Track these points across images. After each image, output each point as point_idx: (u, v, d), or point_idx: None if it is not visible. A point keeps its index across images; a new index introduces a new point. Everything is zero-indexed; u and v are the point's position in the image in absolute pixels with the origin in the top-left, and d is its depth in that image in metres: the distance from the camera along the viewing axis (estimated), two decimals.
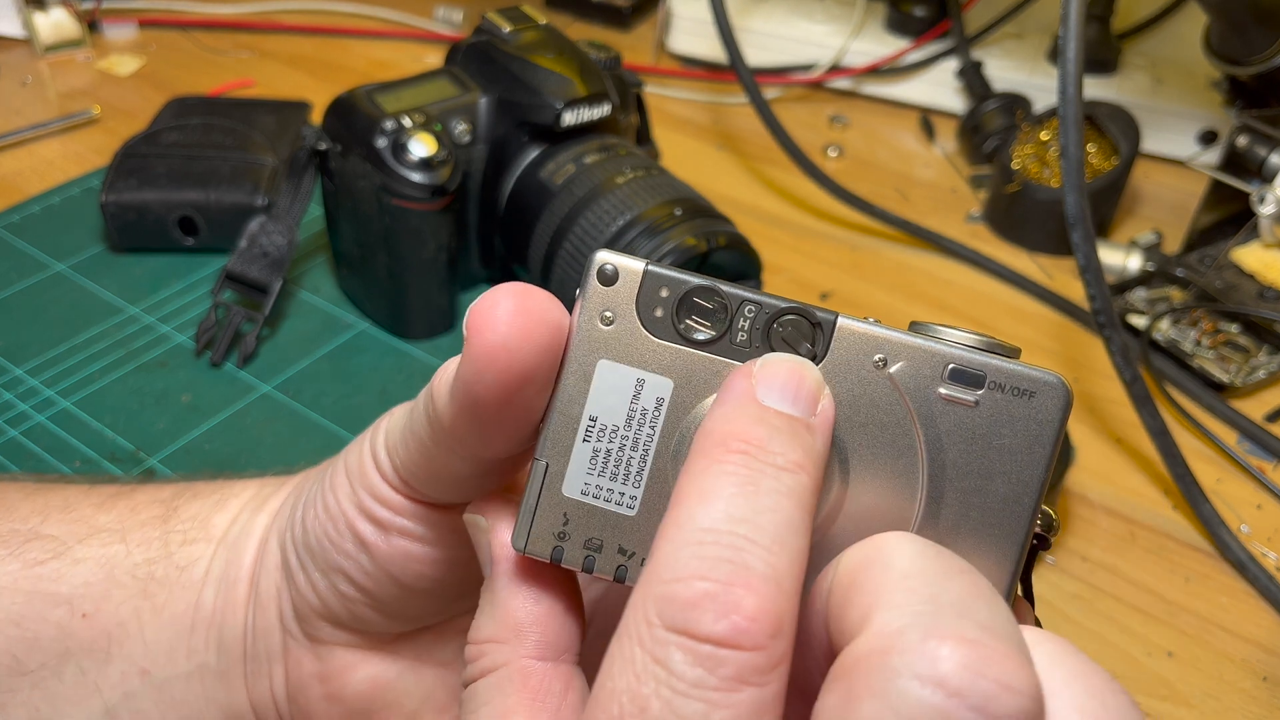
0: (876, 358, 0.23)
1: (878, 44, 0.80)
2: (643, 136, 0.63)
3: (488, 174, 0.55)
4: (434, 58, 0.84)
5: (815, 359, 0.23)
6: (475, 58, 0.55)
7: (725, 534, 0.19)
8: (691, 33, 0.83)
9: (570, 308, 0.24)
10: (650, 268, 0.23)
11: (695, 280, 0.23)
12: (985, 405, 0.23)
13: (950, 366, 0.23)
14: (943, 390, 0.23)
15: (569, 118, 0.52)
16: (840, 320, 0.23)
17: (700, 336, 0.23)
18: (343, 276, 0.58)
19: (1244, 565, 0.47)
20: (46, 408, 0.50)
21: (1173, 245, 0.66)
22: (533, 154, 0.54)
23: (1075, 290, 0.63)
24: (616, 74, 0.58)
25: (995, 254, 0.66)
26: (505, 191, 0.55)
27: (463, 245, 0.56)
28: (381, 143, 0.50)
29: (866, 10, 0.82)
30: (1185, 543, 0.49)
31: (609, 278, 0.23)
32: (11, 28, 0.79)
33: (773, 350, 0.23)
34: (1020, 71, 0.78)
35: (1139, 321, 0.59)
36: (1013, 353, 0.24)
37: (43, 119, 0.71)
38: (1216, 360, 0.57)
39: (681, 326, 0.23)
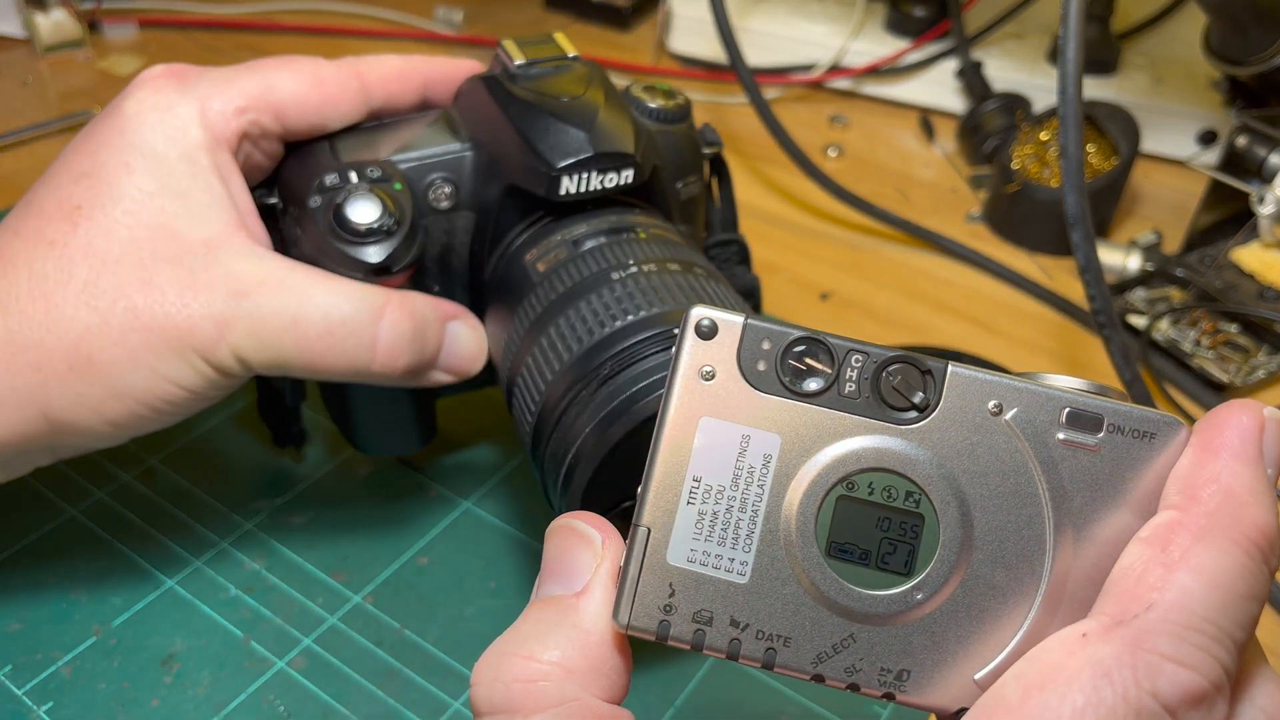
0: (991, 404, 0.22)
1: (877, 44, 0.80)
2: (723, 219, 0.48)
3: (475, 249, 0.42)
4: None
5: (928, 408, 0.22)
6: (477, 97, 0.42)
7: (1227, 638, 0.21)
8: (691, 33, 0.83)
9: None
10: (751, 320, 0.23)
11: (799, 331, 0.23)
12: (1107, 449, 0.22)
13: (1067, 410, 0.22)
14: (1061, 435, 0.22)
15: (569, 185, 0.39)
16: (951, 368, 0.23)
17: (808, 388, 0.23)
18: None
19: None
20: None
21: (1172, 245, 0.66)
22: (524, 232, 0.41)
23: (1075, 290, 0.63)
24: (685, 129, 0.44)
25: (995, 254, 0.66)
26: (490, 275, 0.42)
27: None
28: (315, 202, 0.39)
29: (866, 10, 0.82)
30: None
31: (707, 332, 0.23)
32: (12, 28, 0.79)
33: (884, 402, 0.22)
34: (1020, 71, 0.78)
35: (1139, 321, 0.59)
36: (1122, 396, 0.23)
37: (43, 119, 0.71)
38: (1216, 360, 0.57)
39: (787, 379, 0.22)
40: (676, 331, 0.35)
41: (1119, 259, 0.62)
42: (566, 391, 0.35)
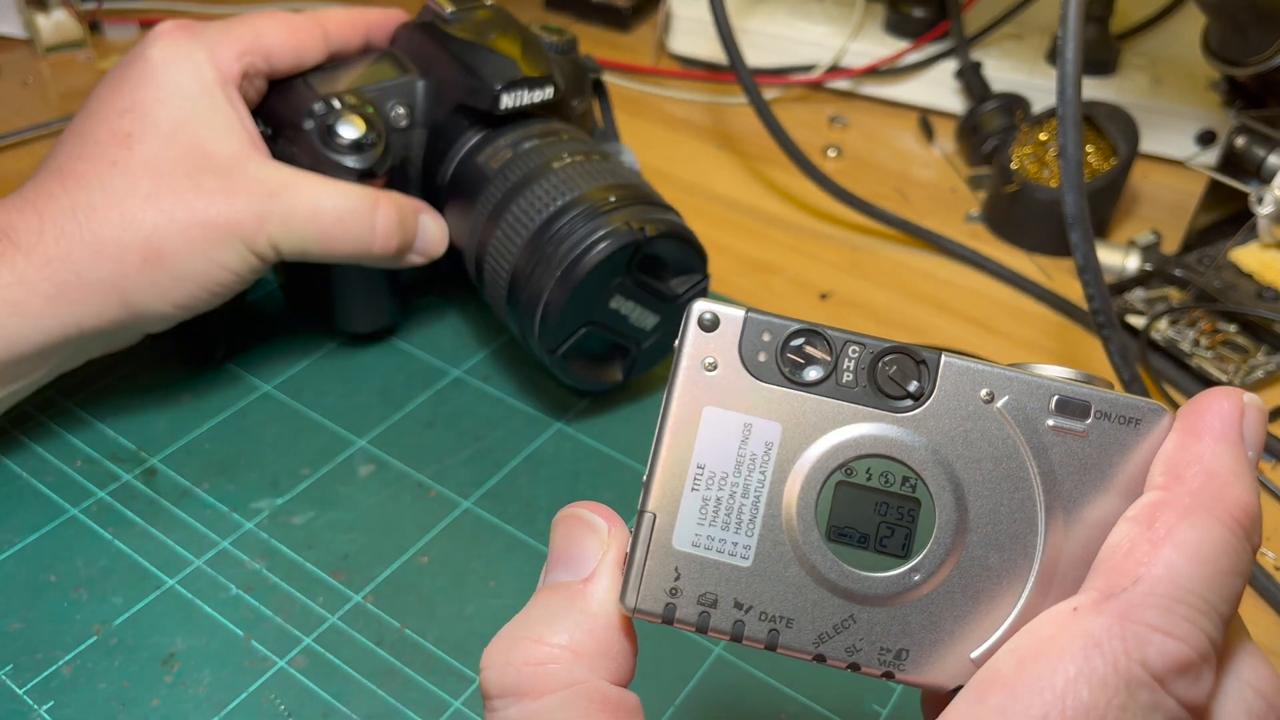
0: (983, 393, 0.23)
1: (877, 45, 0.80)
2: (606, 128, 0.60)
3: (428, 160, 0.52)
4: None
5: (923, 396, 0.23)
6: (416, 39, 0.52)
7: (1213, 611, 0.22)
8: (691, 33, 0.83)
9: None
10: (751, 313, 0.23)
11: (798, 323, 0.23)
12: (1095, 434, 0.23)
13: (1056, 398, 0.23)
14: (1051, 422, 0.23)
15: (508, 101, 0.50)
16: (945, 358, 0.23)
17: (807, 378, 0.23)
18: (280, 280, 0.57)
19: None
20: (47, 406, 0.50)
21: (1171, 245, 0.67)
22: (472, 139, 0.51)
23: (1074, 290, 0.63)
24: (572, 59, 0.56)
25: (994, 254, 0.66)
26: (445, 178, 0.52)
27: None
28: (309, 125, 0.48)
29: (866, 11, 0.82)
30: None
31: (709, 324, 0.23)
32: (13, 28, 0.80)
33: (881, 391, 0.23)
34: (1019, 72, 0.78)
35: (1137, 321, 0.59)
36: (1108, 385, 0.24)
37: (44, 119, 0.71)
38: (1215, 360, 0.57)
39: (787, 369, 0.23)
40: (613, 200, 0.46)
41: (1118, 259, 0.62)
42: (533, 255, 0.46)
